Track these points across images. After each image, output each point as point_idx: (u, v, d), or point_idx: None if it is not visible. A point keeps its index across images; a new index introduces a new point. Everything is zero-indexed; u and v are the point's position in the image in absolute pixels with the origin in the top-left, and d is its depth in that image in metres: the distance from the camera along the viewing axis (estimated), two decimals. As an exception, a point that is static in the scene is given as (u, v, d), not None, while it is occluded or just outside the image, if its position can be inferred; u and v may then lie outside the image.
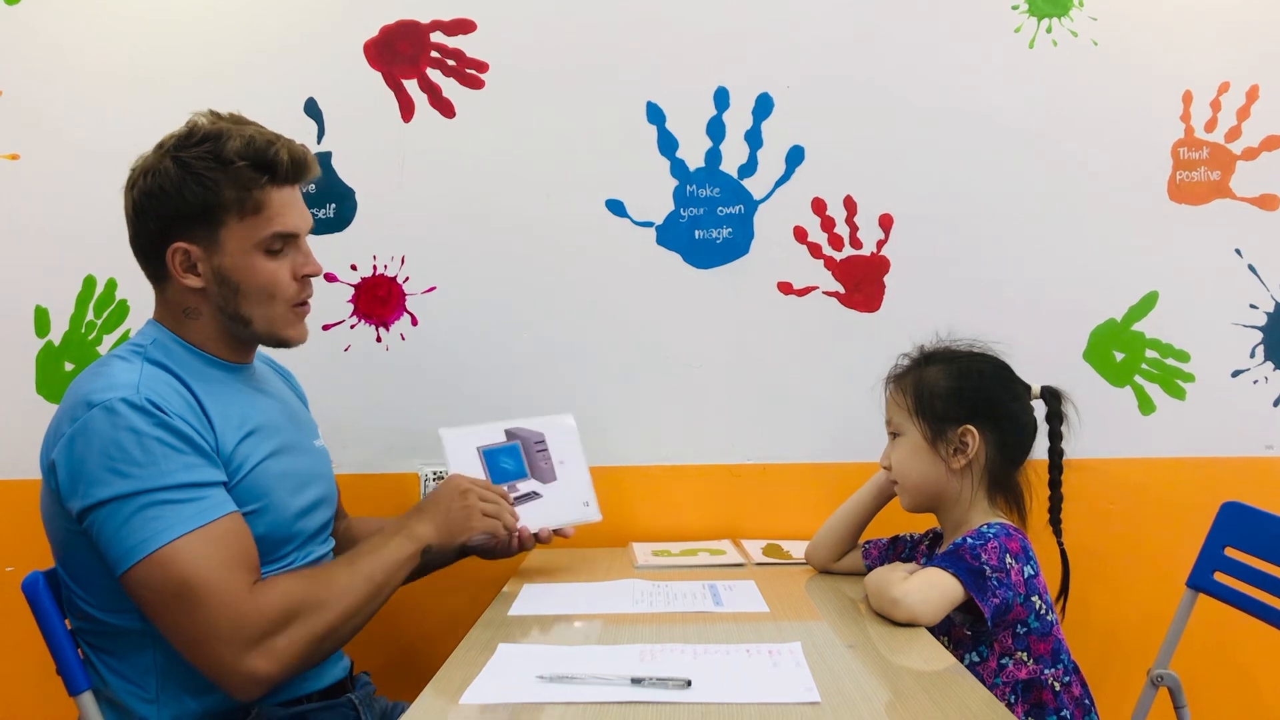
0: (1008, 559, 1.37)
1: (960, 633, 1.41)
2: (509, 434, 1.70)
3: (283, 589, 1.30)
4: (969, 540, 1.39)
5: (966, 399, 1.50)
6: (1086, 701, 1.45)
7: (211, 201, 1.37)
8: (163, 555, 1.23)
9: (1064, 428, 1.55)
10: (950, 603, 1.34)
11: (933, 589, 1.34)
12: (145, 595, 1.25)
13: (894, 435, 1.56)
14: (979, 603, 1.33)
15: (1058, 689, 1.42)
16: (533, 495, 1.67)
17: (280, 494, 1.41)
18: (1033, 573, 1.41)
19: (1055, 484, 1.56)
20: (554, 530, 1.66)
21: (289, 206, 1.44)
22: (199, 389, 1.36)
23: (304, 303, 1.47)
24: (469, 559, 1.67)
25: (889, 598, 1.34)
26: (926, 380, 1.52)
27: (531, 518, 1.63)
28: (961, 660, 1.40)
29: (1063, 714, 1.42)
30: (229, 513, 1.30)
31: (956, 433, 1.49)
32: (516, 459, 1.69)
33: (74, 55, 1.99)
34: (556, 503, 1.69)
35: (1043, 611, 1.41)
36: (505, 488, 1.64)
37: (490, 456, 1.67)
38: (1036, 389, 1.55)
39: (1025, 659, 1.41)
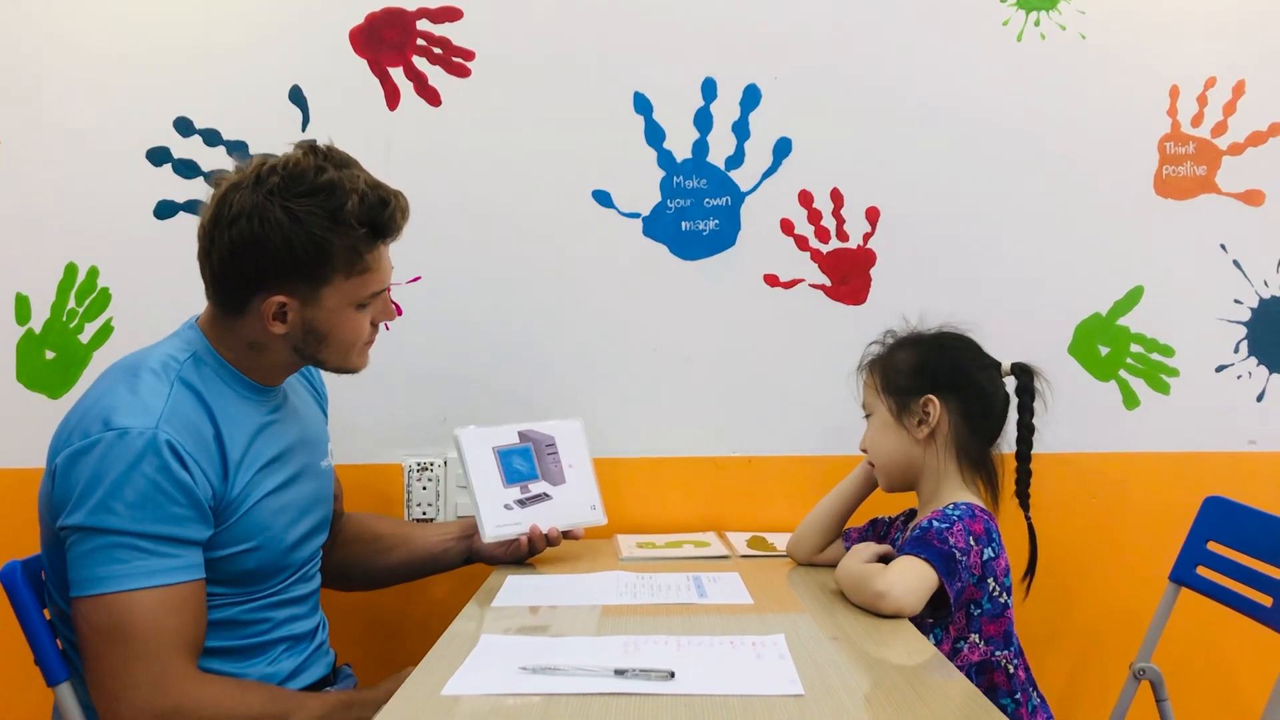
0: (970, 540, 1.38)
1: (921, 619, 1.40)
2: (522, 436, 1.72)
3: (217, 700, 1.26)
4: (935, 524, 1.39)
5: (929, 372, 1.53)
6: (1030, 685, 1.46)
7: (322, 261, 1.33)
8: (113, 600, 1.22)
9: (1036, 403, 1.55)
10: (929, 589, 1.34)
11: (913, 577, 1.34)
12: (84, 629, 1.24)
13: (868, 417, 1.59)
14: (947, 588, 1.33)
15: (1011, 671, 1.43)
16: (543, 496, 1.69)
17: (277, 529, 1.40)
18: (992, 555, 1.41)
19: (1024, 458, 1.55)
20: (563, 532, 1.67)
21: (387, 262, 1.43)
22: (223, 418, 1.34)
23: (371, 341, 1.47)
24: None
25: (872, 591, 1.34)
26: (893, 358, 1.57)
27: (541, 518, 1.66)
28: None
29: (1016, 696, 1.42)
30: (194, 580, 1.28)
31: (919, 403, 1.51)
32: (529, 460, 1.71)
33: (58, 41, 1.96)
34: (565, 505, 1.70)
35: (996, 594, 1.41)
36: (518, 488, 1.67)
37: (504, 457, 1.69)
38: (1006, 365, 1.56)
39: (978, 641, 1.41)
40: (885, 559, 1.53)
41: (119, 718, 1.24)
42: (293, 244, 1.31)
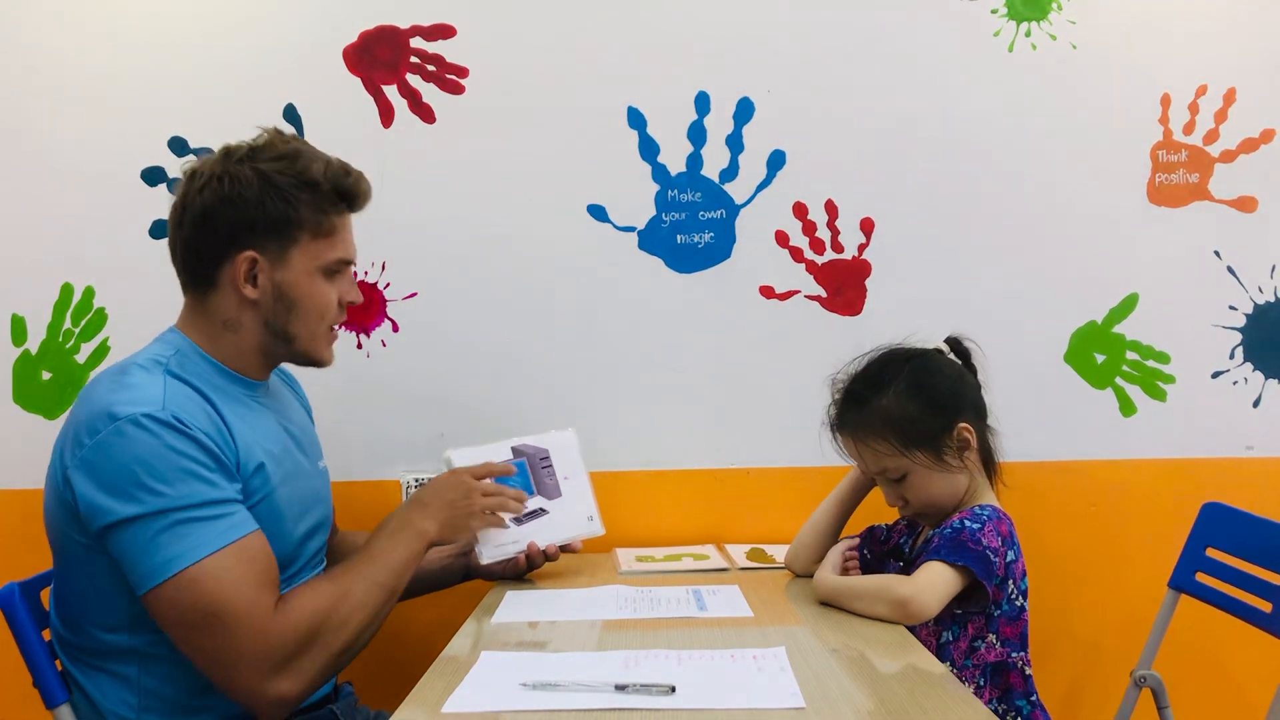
0: (1000, 541, 1.39)
1: (947, 610, 1.39)
2: (515, 451, 1.71)
3: (307, 609, 1.28)
4: (967, 525, 1.39)
5: (941, 402, 1.48)
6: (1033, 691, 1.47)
7: (291, 217, 1.38)
8: (191, 574, 1.22)
9: (975, 362, 1.56)
10: (952, 594, 1.35)
11: (939, 584, 1.35)
12: (171, 615, 1.24)
13: (897, 480, 1.49)
14: (989, 587, 1.35)
15: (1027, 673, 1.43)
16: (539, 512, 1.68)
17: (288, 520, 1.41)
18: (1013, 558, 1.42)
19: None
20: (561, 546, 1.67)
21: (350, 234, 1.48)
22: (223, 407, 1.35)
23: (341, 323, 1.50)
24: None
25: (895, 598, 1.34)
26: (889, 411, 1.47)
27: (539, 535, 1.65)
28: (937, 638, 1.43)
29: (1031, 698, 1.43)
30: (253, 530, 1.29)
31: (953, 436, 1.47)
32: (523, 476, 1.69)
33: (52, 62, 1.97)
34: (562, 519, 1.69)
35: (1014, 596, 1.42)
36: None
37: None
38: (945, 347, 1.55)
39: (995, 642, 1.42)
40: (865, 560, 1.60)
41: (244, 685, 1.25)
42: (263, 201, 1.36)
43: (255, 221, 1.36)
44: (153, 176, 1.97)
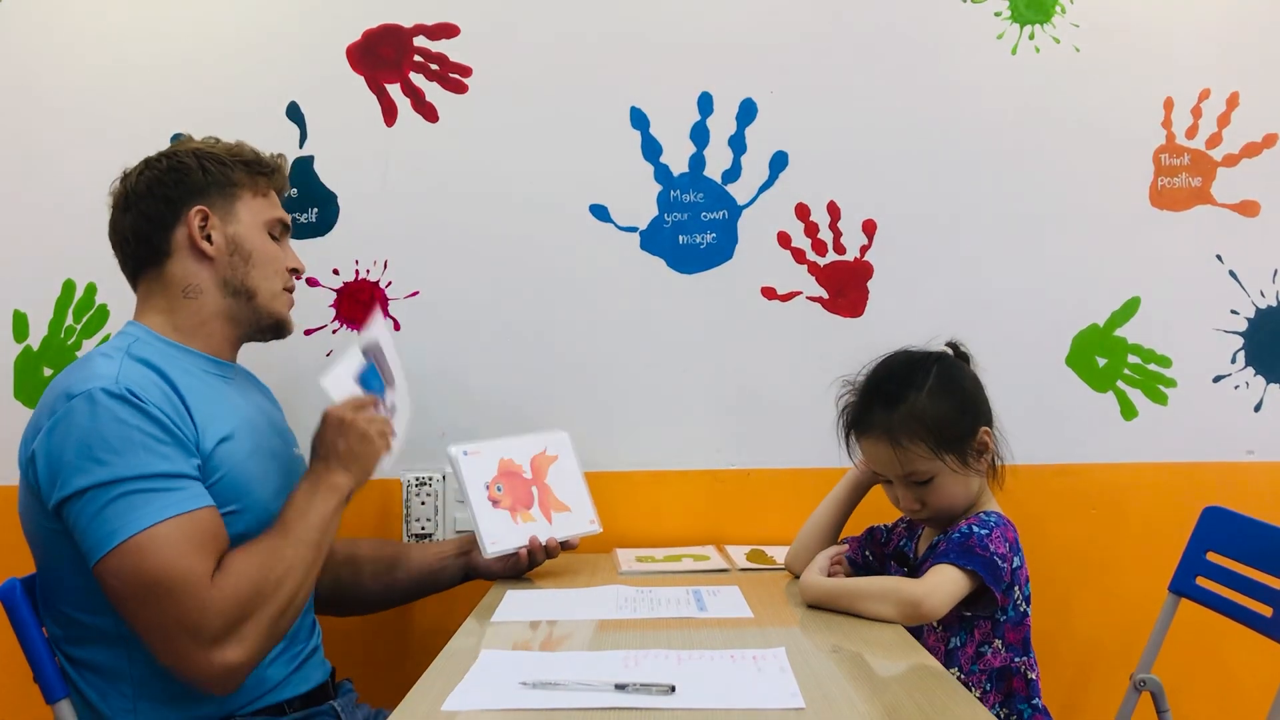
0: (1007, 547, 1.40)
1: (955, 615, 1.40)
2: (363, 352, 1.58)
3: (244, 573, 1.27)
4: (976, 530, 1.39)
5: (967, 405, 1.49)
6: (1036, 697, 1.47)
7: (230, 177, 1.50)
8: (132, 545, 1.22)
9: (973, 367, 1.55)
10: (960, 597, 1.36)
11: (949, 585, 1.35)
12: (116, 586, 1.24)
13: (921, 483, 1.47)
14: (996, 592, 1.35)
15: (1030, 677, 1.43)
16: (394, 406, 1.59)
17: (261, 495, 1.40)
18: (1019, 564, 1.42)
19: None
20: (560, 543, 1.67)
21: (282, 208, 1.58)
22: (183, 385, 1.36)
23: (292, 289, 1.57)
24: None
25: (907, 599, 1.34)
26: (925, 412, 1.44)
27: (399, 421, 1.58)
28: (945, 644, 1.43)
29: (1034, 702, 1.43)
30: (204, 506, 1.29)
31: (977, 441, 1.47)
32: (375, 375, 1.59)
33: (53, 60, 1.97)
34: (402, 402, 1.60)
35: (1018, 602, 1.43)
36: (382, 409, 1.55)
37: (364, 382, 1.56)
38: (950, 351, 1.55)
39: (1000, 647, 1.42)
40: (853, 561, 1.62)
41: (185, 657, 1.24)
42: (202, 166, 1.48)
43: (198, 184, 1.47)
44: (155, 173, 1.97)
